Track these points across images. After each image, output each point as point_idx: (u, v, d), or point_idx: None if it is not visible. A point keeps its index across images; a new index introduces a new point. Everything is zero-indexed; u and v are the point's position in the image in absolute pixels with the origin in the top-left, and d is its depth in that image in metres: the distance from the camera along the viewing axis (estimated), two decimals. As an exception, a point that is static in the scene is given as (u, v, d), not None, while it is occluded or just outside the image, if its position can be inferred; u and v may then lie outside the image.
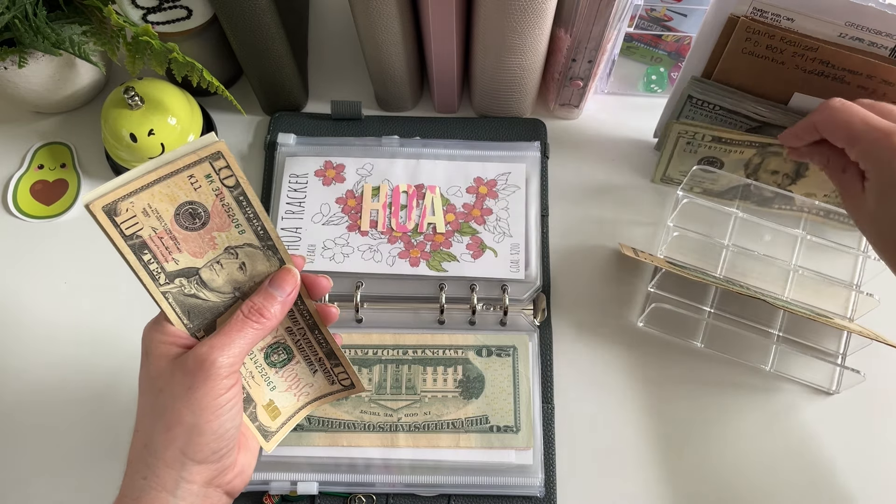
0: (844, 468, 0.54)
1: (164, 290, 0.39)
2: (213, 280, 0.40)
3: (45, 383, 0.57)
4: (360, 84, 0.68)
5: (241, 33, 0.57)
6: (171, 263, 0.39)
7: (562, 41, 0.58)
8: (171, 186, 0.38)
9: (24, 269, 0.61)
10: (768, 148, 0.56)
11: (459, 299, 0.57)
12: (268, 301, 0.40)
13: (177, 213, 0.38)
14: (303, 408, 0.47)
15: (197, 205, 0.39)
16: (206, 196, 0.39)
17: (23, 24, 0.54)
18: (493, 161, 0.62)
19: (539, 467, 0.52)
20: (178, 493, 0.37)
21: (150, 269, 0.38)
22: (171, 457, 0.37)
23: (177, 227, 0.39)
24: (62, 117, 0.67)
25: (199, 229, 0.39)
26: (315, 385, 0.47)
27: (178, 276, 0.39)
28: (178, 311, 0.40)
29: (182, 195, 0.38)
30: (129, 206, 0.37)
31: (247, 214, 0.40)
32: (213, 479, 0.38)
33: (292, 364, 0.46)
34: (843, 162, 0.48)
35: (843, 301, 0.59)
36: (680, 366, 0.57)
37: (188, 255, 0.39)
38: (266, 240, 0.41)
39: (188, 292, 0.40)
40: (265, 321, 0.39)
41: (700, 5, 0.61)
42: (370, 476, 0.52)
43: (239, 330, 0.39)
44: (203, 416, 0.37)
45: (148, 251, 0.38)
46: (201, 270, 0.40)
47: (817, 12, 0.48)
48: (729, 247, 0.59)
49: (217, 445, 0.38)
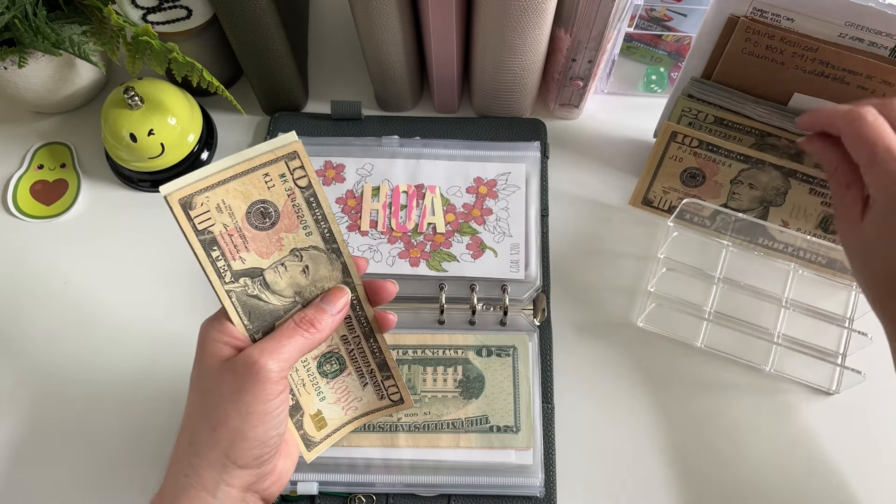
0: (844, 468, 0.54)
1: (229, 289, 0.39)
2: (276, 283, 0.40)
3: (44, 383, 0.57)
4: (360, 84, 0.68)
5: (241, 33, 0.57)
6: (238, 262, 0.39)
7: (562, 41, 0.58)
8: (245, 184, 0.38)
9: (24, 269, 0.61)
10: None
11: (459, 299, 0.57)
12: (319, 314, 0.40)
13: (248, 212, 0.39)
14: (349, 422, 0.47)
15: (269, 204, 0.39)
16: (279, 196, 0.39)
17: (23, 24, 0.54)
18: (493, 161, 0.62)
19: (539, 467, 0.52)
20: (219, 494, 0.37)
21: (218, 266, 0.38)
22: (214, 458, 0.37)
23: (247, 225, 0.39)
24: (62, 117, 0.67)
25: (268, 229, 0.39)
26: (364, 399, 0.46)
27: (244, 276, 0.39)
28: (239, 310, 0.40)
29: (255, 193, 0.38)
30: (204, 201, 0.37)
31: (315, 216, 0.40)
32: (252, 484, 0.38)
33: (343, 376, 0.45)
34: (851, 178, 0.46)
35: (835, 337, 0.58)
36: (680, 366, 0.57)
37: (255, 255, 0.39)
38: (331, 242, 0.41)
39: (251, 293, 0.40)
40: (315, 332, 0.40)
41: (700, 5, 0.61)
42: (370, 476, 0.52)
43: (289, 337, 0.39)
44: (249, 421, 0.37)
45: (217, 248, 0.38)
46: (266, 272, 0.40)
47: (817, 12, 0.48)
48: (719, 281, 0.59)
49: (260, 451, 0.38)
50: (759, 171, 0.57)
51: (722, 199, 0.59)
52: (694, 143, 0.57)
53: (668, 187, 0.60)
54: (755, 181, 0.57)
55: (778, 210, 0.58)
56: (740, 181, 0.58)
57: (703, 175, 0.59)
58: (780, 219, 0.58)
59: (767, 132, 0.56)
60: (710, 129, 0.57)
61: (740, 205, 0.59)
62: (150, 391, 0.56)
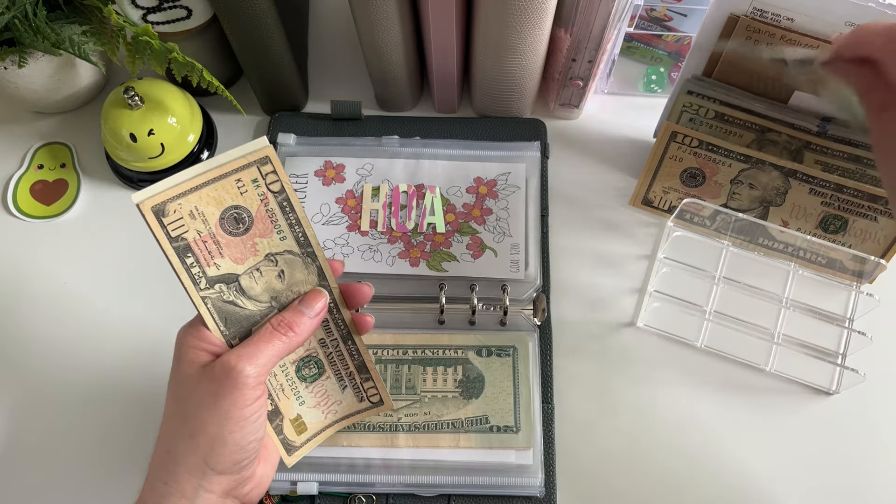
0: (844, 468, 0.54)
1: (204, 295, 0.39)
2: (252, 288, 0.40)
3: (44, 383, 0.57)
4: (360, 84, 0.68)
5: (241, 33, 0.57)
6: (213, 268, 0.39)
7: (562, 41, 0.58)
8: (218, 190, 0.38)
9: (24, 269, 0.61)
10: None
11: (459, 299, 0.57)
12: (297, 317, 0.40)
13: (222, 218, 0.39)
14: (329, 426, 0.47)
15: (242, 209, 0.39)
16: (252, 201, 0.39)
17: (23, 24, 0.54)
18: (493, 161, 0.62)
19: (539, 467, 0.52)
20: (197, 501, 0.37)
21: (192, 273, 0.38)
22: (193, 464, 0.37)
23: (221, 231, 0.39)
24: (62, 117, 0.67)
25: (241, 234, 0.39)
26: (343, 403, 0.46)
27: (219, 282, 0.39)
28: (215, 317, 0.39)
29: (228, 199, 0.38)
30: (177, 208, 0.37)
31: (289, 220, 0.40)
32: (232, 489, 0.38)
33: (322, 379, 0.45)
34: (886, 96, 0.40)
35: (835, 337, 0.58)
36: (680, 366, 0.57)
37: (230, 261, 0.39)
38: (306, 246, 0.41)
39: (227, 299, 0.40)
40: (293, 335, 0.40)
41: (700, 5, 0.61)
42: (370, 476, 0.52)
43: (267, 341, 0.39)
44: (227, 427, 0.37)
45: (191, 254, 0.38)
46: (241, 277, 0.40)
47: (817, 12, 0.48)
48: (719, 281, 0.59)
49: (239, 457, 0.38)
50: (759, 171, 0.57)
51: (722, 199, 0.59)
52: (694, 143, 0.57)
53: (668, 187, 0.60)
54: (755, 181, 0.57)
55: (778, 210, 0.58)
56: (740, 181, 0.58)
57: (703, 175, 0.59)
58: (780, 219, 0.58)
59: (768, 128, 0.56)
60: (710, 125, 0.57)
61: (740, 205, 0.59)
62: (150, 391, 0.56)
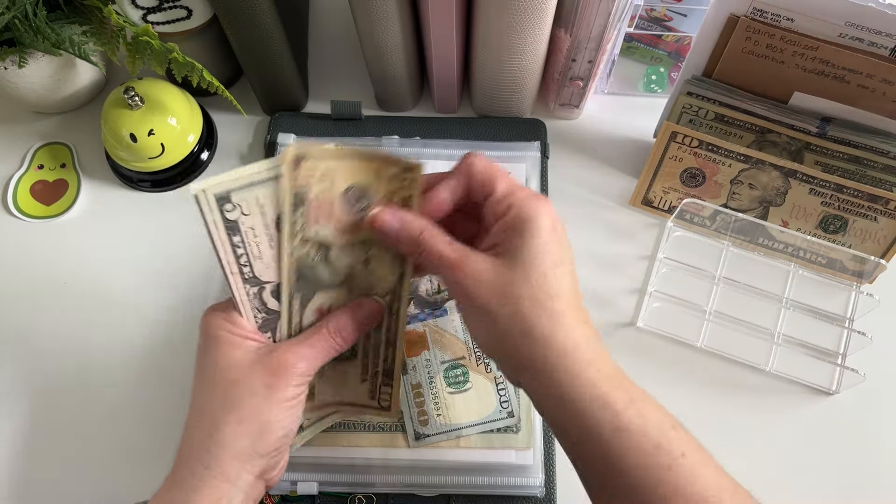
0: (844, 468, 0.54)
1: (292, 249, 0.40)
2: (339, 259, 0.42)
3: (44, 383, 0.57)
4: (360, 84, 0.68)
5: (241, 33, 0.57)
6: (315, 228, 0.40)
7: (562, 41, 0.58)
8: (360, 167, 0.40)
9: (24, 269, 0.61)
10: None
11: (459, 299, 0.57)
12: (354, 332, 0.43)
13: (347, 190, 0.40)
14: (334, 405, 0.47)
15: (370, 195, 0.40)
16: (381, 191, 0.40)
17: (23, 24, 0.54)
18: (493, 161, 0.62)
19: (539, 467, 0.52)
20: (239, 483, 0.38)
21: (295, 229, 0.40)
22: (240, 449, 0.38)
23: (340, 201, 0.40)
24: (62, 117, 0.67)
25: (356, 212, 0.41)
26: (355, 392, 0.47)
27: (315, 243, 0.41)
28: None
29: (364, 178, 0.40)
30: (314, 164, 0.39)
31: None
32: (265, 472, 0.40)
33: (348, 365, 0.46)
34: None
35: (835, 337, 0.58)
36: (680, 366, 0.57)
37: (333, 229, 0.41)
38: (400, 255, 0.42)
39: (309, 262, 0.41)
40: (344, 345, 0.42)
41: (700, 5, 0.61)
42: (370, 476, 0.52)
43: (323, 345, 0.41)
44: (277, 415, 0.39)
45: (303, 207, 0.39)
46: (333, 248, 0.41)
47: (817, 12, 0.48)
48: (719, 281, 0.59)
49: (281, 443, 0.40)
50: (759, 171, 0.57)
51: (722, 199, 0.59)
52: (694, 143, 0.57)
53: (668, 187, 0.60)
54: (755, 181, 0.57)
55: (778, 210, 0.58)
56: (740, 181, 0.58)
57: (703, 175, 0.59)
58: (780, 219, 0.58)
59: (768, 129, 0.56)
60: (710, 126, 0.57)
61: (740, 205, 0.59)
62: (150, 390, 0.56)
